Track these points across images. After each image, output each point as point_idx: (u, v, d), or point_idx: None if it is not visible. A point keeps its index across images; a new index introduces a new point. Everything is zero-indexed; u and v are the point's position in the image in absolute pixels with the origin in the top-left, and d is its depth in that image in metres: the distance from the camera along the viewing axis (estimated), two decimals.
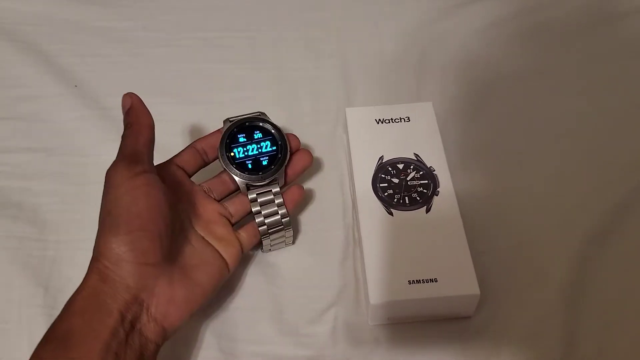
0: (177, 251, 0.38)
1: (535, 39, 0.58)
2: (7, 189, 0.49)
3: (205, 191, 0.43)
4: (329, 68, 0.57)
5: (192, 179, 0.43)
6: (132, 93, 0.39)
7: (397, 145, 0.46)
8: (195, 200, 0.42)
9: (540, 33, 0.59)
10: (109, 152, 0.51)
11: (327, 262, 0.45)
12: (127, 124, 0.38)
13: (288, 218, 0.43)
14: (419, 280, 0.39)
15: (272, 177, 0.42)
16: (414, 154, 0.46)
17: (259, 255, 0.45)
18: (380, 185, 0.44)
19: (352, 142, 0.47)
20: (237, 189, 0.43)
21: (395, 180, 0.44)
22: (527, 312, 0.42)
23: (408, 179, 0.44)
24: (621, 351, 0.40)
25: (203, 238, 0.40)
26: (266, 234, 0.43)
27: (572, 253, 0.44)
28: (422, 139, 0.46)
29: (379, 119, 0.48)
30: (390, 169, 0.45)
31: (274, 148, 0.43)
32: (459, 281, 0.39)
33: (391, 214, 0.43)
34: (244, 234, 0.42)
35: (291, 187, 0.44)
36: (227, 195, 0.44)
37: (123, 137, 0.38)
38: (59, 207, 0.48)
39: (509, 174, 0.49)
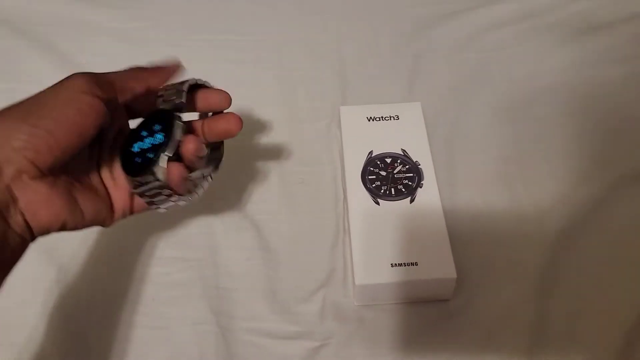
0: (73, 177, 0.36)
1: (529, 42, 0.62)
2: None
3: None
4: (327, 68, 0.60)
5: None
6: (176, 66, 0.40)
7: (385, 141, 0.50)
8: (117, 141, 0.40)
9: (538, 36, 0.62)
10: None
11: (318, 248, 0.48)
12: (147, 69, 0.38)
13: (183, 201, 0.39)
14: (401, 263, 0.43)
15: (146, 174, 0.36)
16: (401, 149, 0.49)
17: (255, 239, 0.49)
18: (369, 177, 0.48)
19: (344, 137, 0.50)
20: None
21: (383, 173, 0.48)
22: (502, 297, 0.45)
23: (395, 172, 0.48)
24: (588, 334, 0.44)
25: (102, 180, 0.39)
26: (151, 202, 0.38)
27: (545, 244, 0.47)
28: (409, 136, 0.50)
29: (370, 117, 0.51)
30: (378, 162, 0.48)
31: (165, 139, 0.36)
32: (438, 265, 0.43)
33: (378, 203, 0.46)
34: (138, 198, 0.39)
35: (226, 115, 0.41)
36: None
37: (131, 69, 0.38)
38: None
39: (490, 171, 0.52)
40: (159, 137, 0.37)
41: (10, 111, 0.33)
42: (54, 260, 0.47)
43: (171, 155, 0.36)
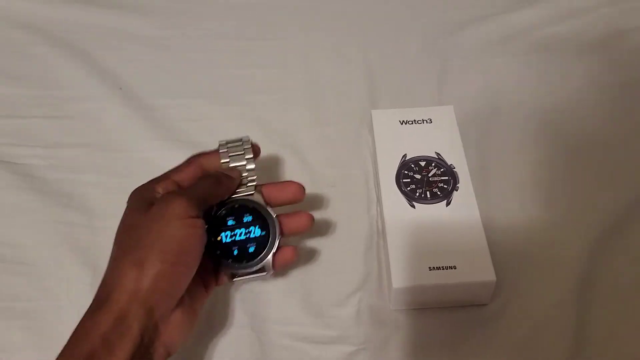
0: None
1: (560, 46, 0.61)
2: (58, 180, 0.53)
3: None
4: (354, 71, 0.60)
5: None
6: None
7: (419, 144, 0.49)
8: None
9: (569, 40, 0.61)
10: (150, 148, 0.55)
11: (352, 251, 0.48)
12: (224, 175, 0.41)
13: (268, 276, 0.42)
14: (439, 267, 0.42)
15: (258, 266, 0.41)
16: (435, 152, 0.49)
17: (290, 243, 0.48)
18: (403, 180, 0.47)
19: (377, 141, 0.50)
20: None
21: (418, 176, 0.47)
22: (540, 302, 0.45)
23: (429, 175, 0.47)
24: (631, 340, 0.43)
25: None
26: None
27: (585, 246, 0.47)
28: (443, 139, 0.50)
29: (403, 121, 0.51)
30: (412, 166, 0.48)
31: (264, 233, 0.41)
32: (477, 268, 0.42)
33: (413, 206, 0.46)
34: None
35: (285, 248, 0.42)
36: None
37: (214, 177, 0.41)
38: (105, 197, 0.52)
39: (526, 174, 0.52)
40: (257, 231, 0.41)
41: (124, 258, 0.36)
42: (88, 262, 0.47)
43: (275, 250, 0.41)
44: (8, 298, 0.46)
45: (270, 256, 0.41)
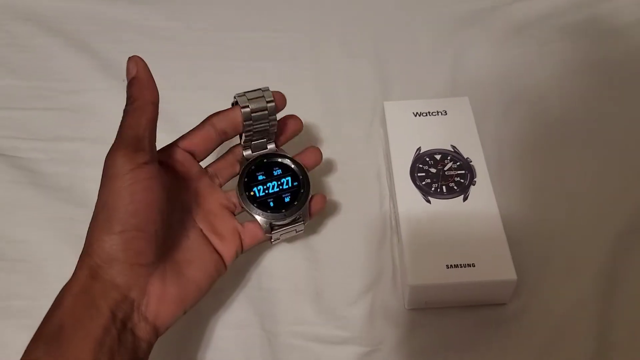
0: (173, 246, 0.37)
1: (571, 39, 0.59)
2: (58, 174, 0.51)
3: (210, 177, 0.41)
4: (365, 63, 0.58)
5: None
6: (138, 57, 0.36)
7: (434, 137, 0.47)
8: (198, 190, 0.40)
9: (578, 31, 0.60)
10: None
11: (364, 248, 0.46)
12: (130, 98, 0.35)
13: (303, 229, 0.42)
14: (457, 265, 0.40)
15: (296, 215, 0.41)
16: (451, 145, 0.47)
17: (300, 240, 0.47)
18: (418, 174, 0.45)
19: (390, 133, 0.48)
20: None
21: (433, 170, 0.46)
22: (561, 301, 0.43)
23: (445, 169, 0.45)
24: None
25: (201, 231, 0.39)
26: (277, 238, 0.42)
27: (607, 244, 0.45)
28: (459, 132, 0.48)
29: (417, 112, 0.49)
30: (427, 159, 0.46)
31: (296, 183, 0.42)
32: (497, 267, 0.40)
33: (429, 201, 0.44)
34: (247, 234, 0.41)
35: (315, 197, 0.43)
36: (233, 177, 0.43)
37: (124, 115, 0.35)
38: None
39: (544, 167, 0.50)
40: (289, 181, 0.42)
41: (93, 230, 0.33)
42: None
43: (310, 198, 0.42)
44: (7, 296, 0.44)
45: (307, 203, 0.41)
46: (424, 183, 0.45)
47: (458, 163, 0.46)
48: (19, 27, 0.62)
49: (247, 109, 0.39)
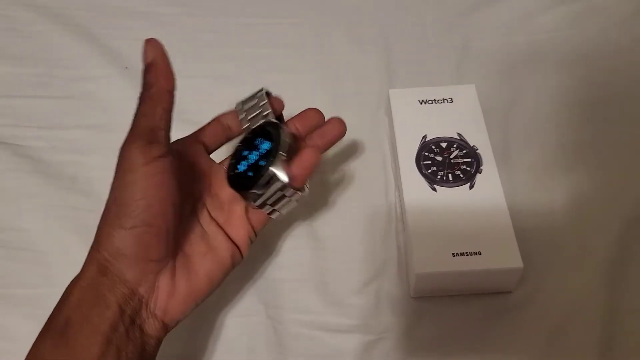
0: (184, 239, 0.36)
1: (580, 25, 0.58)
2: (61, 163, 0.51)
3: (220, 166, 0.41)
4: (371, 52, 0.58)
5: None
6: (156, 41, 0.34)
7: (440, 125, 0.47)
8: (212, 181, 0.40)
9: (586, 19, 0.59)
10: None
11: (370, 237, 0.46)
12: (146, 85, 0.34)
13: (301, 195, 0.38)
14: (463, 253, 0.40)
15: (267, 177, 0.36)
16: (457, 133, 0.46)
17: (305, 229, 0.46)
18: (424, 162, 0.45)
19: (395, 121, 0.48)
20: None
21: (439, 158, 0.45)
22: (568, 290, 0.43)
23: (451, 157, 0.45)
24: None
25: (215, 221, 0.38)
26: (273, 211, 0.39)
27: (613, 232, 0.45)
28: (465, 120, 0.47)
29: (422, 100, 0.49)
30: (433, 147, 0.46)
31: (271, 144, 0.37)
32: (503, 255, 0.40)
33: (435, 190, 0.44)
34: (252, 217, 0.40)
35: (303, 152, 0.37)
36: None
37: (139, 102, 0.34)
38: (110, 180, 0.49)
39: (551, 156, 0.49)
40: (266, 146, 0.37)
41: (103, 225, 0.33)
42: None
43: (285, 154, 0.36)
44: (11, 284, 0.44)
45: (278, 161, 0.35)
46: (429, 171, 0.45)
47: (464, 151, 0.45)
48: (20, 13, 0.61)
49: (247, 125, 0.40)
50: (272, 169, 0.35)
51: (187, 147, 0.39)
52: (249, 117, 0.40)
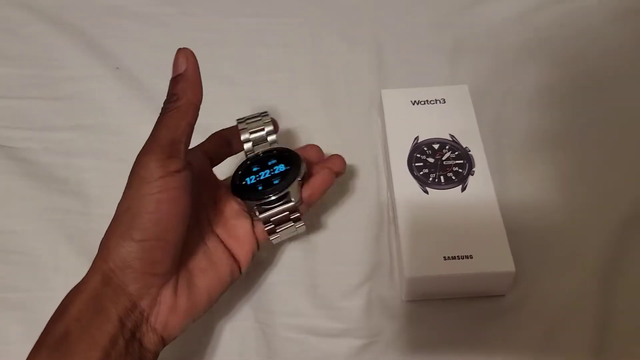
0: (188, 254, 0.36)
1: (571, 24, 0.58)
2: (52, 164, 0.50)
3: (227, 186, 0.41)
4: (363, 52, 0.57)
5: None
6: (190, 52, 0.34)
7: (432, 126, 0.47)
8: (218, 195, 0.39)
9: (577, 18, 0.58)
10: (149, 131, 0.52)
11: (361, 240, 0.45)
12: (173, 96, 0.33)
13: (303, 225, 0.40)
14: (455, 256, 0.40)
15: (282, 192, 0.38)
16: (450, 134, 0.46)
17: None
18: (416, 164, 0.45)
19: (387, 122, 0.47)
20: None
21: (431, 160, 0.45)
22: (561, 292, 0.42)
23: (443, 158, 0.45)
24: None
25: (218, 237, 0.38)
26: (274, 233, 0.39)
27: (607, 234, 0.44)
28: (457, 121, 0.47)
29: (415, 101, 0.48)
30: (425, 149, 0.45)
31: (288, 167, 0.39)
32: (495, 258, 0.40)
33: (426, 192, 0.43)
34: (260, 230, 0.39)
35: (317, 174, 0.40)
36: None
37: (163, 113, 0.33)
38: (102, 182, 0.49)
39: (543, 157, 0.49)
40: (281, 167, 0.39)
41: (112, 235, 0.32)
42: (85, 251, 0.45)
43: (301, 179, 0.39)
44: (2, 288, 0.44)
45: (295, 182, 0.38)
46: (421, 173, 0.44)
47: (456, 153, 0.45)
48: (12, 13, 0.61)
49: (249, 144, 0.41)
50: (288, 189, 0.38)
51: (196, 159, 0.39)
52: (252, 136, 0.41)
